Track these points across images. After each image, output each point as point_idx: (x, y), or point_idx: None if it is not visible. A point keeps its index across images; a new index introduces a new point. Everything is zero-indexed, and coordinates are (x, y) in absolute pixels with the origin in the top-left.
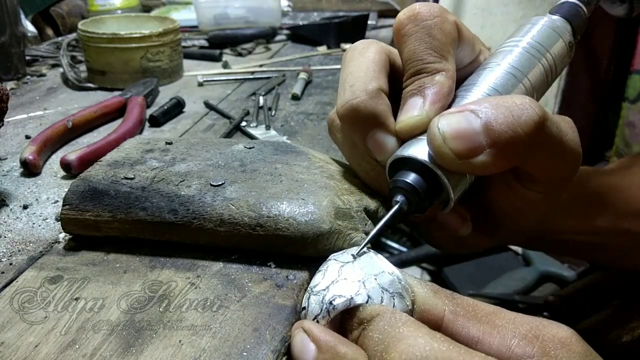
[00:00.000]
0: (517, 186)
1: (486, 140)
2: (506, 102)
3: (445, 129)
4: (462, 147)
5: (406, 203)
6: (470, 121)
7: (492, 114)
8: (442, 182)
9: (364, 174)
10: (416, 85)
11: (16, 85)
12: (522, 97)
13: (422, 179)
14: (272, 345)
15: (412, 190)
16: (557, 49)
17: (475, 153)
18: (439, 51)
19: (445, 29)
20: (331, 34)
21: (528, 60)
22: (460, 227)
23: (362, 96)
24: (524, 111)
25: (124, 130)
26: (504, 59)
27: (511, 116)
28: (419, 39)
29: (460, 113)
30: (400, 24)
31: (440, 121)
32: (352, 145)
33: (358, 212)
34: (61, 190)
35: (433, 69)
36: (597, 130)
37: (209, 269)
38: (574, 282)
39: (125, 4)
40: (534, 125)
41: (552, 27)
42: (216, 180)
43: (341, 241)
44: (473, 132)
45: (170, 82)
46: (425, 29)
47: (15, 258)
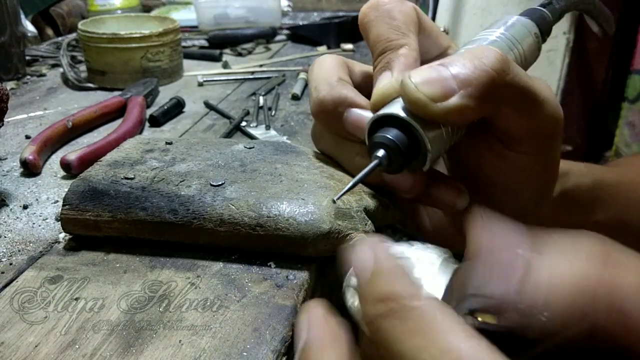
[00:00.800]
0: (505, 152)
1: (457, 84)
2: (470, 51)
3: (417, 79)
4: (433, 90)
5: (386, 157)
6: (439, 71)
7: (458, 61)
8: (419, 135)
9: (351, 166)
10: (384, 62)
11: (16, 85)
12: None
13: (403, 134)
14: (272, 345)
15: (391, 144)
16: (527, 43)
17: (448, 96)
18: (400, 29)
19: (403, 10)
20: (331, 34)
21: (501, 47)
22: (457, 199)
23: (325, 88)
24: (487, 53)
25: (124, 130)
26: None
27: (476, 58)
28: (381, 21)
29: (430, 67)
30: (363, 14)
31: (412, 74)
32: (334, 143)
33: (358, 212)
34: (61, 190)
35: (397, 45)
36: (597, 130)
37: (209, 269)
38: None
39: (125, 4)
40: (499, 63)
41: (522, 24)
42: (216, 180)
43: (341, 241)
44: (443, 77)
45: (170, 82)
46: (386, 12)
47: (15, 258)
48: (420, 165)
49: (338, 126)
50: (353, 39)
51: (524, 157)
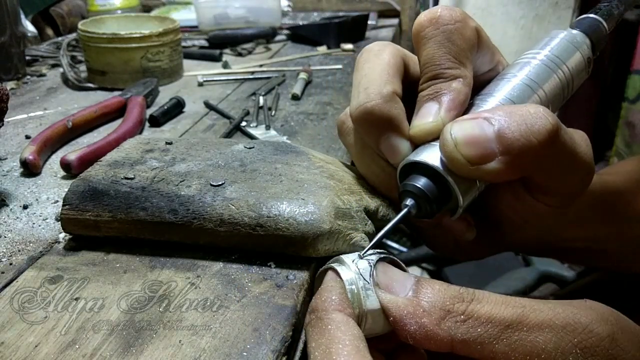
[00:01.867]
0: (526, 197)
1: (498, 147)
2: (520, 111)
3: (458, 134)
4: (474, 153)
5: (415, 207)
6: (483, 128)
7: (505, 121)
8: (452, 189)
9: (373, 177)
10: (432, 91)
11: (16, 85)
12: (536, 106)
13: (433, 184)
14: (272, 345)
15: (421, 194)
16: (574, 62)
17: (487, 160)
18: (458, 57)
19: (465, 35)
20: (331, 34)
21: (544, 72)
22: (465, 232)
23: (376, 99)
24: (537, 120)
25: (124, 130)
26: (521, 70)
27: (524, 124)
28: (439, 42)
29: (474, 120)
30: (420, 26)
31: (454, 127)
32: (362, 148)
33: (358, 212)
34: (61, 190)
35: (450, 75)
36: (597, 130)
37: (209, 269)
38: (574, 282)
39: (125, 4)
40: (547, 134)
41: (570, 40)
42: (216, 180)
43: (341, 241)
44: (485, 138)
45: (170, 82)
46: (446, 34)
47: (15, 258)
48: (449, 214)
49: (373, 140)
50: (353, 39)
51: (543, 206)
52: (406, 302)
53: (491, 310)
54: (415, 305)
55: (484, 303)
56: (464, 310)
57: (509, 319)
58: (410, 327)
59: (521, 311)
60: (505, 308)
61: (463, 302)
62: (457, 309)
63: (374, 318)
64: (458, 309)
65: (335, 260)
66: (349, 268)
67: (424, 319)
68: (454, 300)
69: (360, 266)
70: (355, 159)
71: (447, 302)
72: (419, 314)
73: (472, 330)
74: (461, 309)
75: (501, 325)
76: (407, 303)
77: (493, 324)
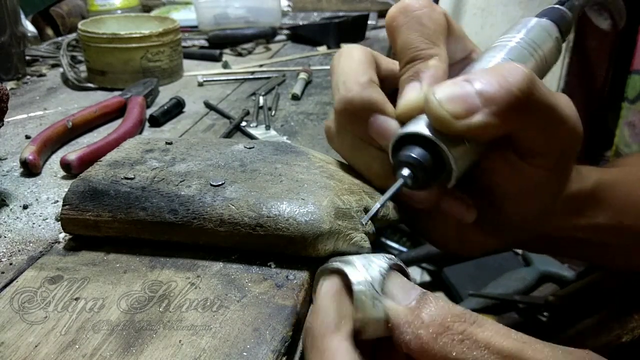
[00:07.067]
0: (520, 164)
1: (481, 100)
2: (495, 68)
3: (440, 95)
4: (458, 108)
5: (411, 176)
6: (464, 86)
7: (483, 78)
8: (443, 152)
9: (368, 171)
10: (412, 72)
11: (16, 85)
12: (509, 62)
13: (426, 152)
14: (272, 345)
15: (416, 162)
16: (547, 47)
17: (471, 112)
18: (430, 38)
19: (434, 17)
20: (331, 34)
21: (522, 53)
22: (465, 213)
23: (356, 88)
24: (513, 71)
25: (124, 130)
26: (499, 52)
27: (502, 76)
28: (410, 28)
29: (454, 82)
30: (391, 17)
31: (436, 90)
32: (352, 145)
33: (358, 212)
34: (61, 190)
35: (426, 55)
36: (597, 130)
37: (209, 269)
38: (574, 282)
39: (125, 4)
40: (525, 82)
41: (543, 27)
42: (216, 180)
43: (341, 241)
44: (467, 94)
45: (170, 82)
46: (416, 19)
47: (15, 258)
48: (444, 182)
49: (361, 129)
50: (353, 39)
51: (538, 171)
52: (407, 311)
53: (491, 337)
54: (415, 315)
55: (484, 328)
56: (463, 330)
57: (507, 350)
58: (406, 335)
59: (521, 346)
60: (505, 339)
61: (464, 323)
62: (456, 327)
63: (376, 325)
64: (457, 328)
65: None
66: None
67: (421, 330)
68: (455, 318)
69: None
70: (348, 158)
71: (448, 319)
72: (417, 325)
73: (467, 351)
74: (460, 329)
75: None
76: (408, 312)
77: (490, 352)
